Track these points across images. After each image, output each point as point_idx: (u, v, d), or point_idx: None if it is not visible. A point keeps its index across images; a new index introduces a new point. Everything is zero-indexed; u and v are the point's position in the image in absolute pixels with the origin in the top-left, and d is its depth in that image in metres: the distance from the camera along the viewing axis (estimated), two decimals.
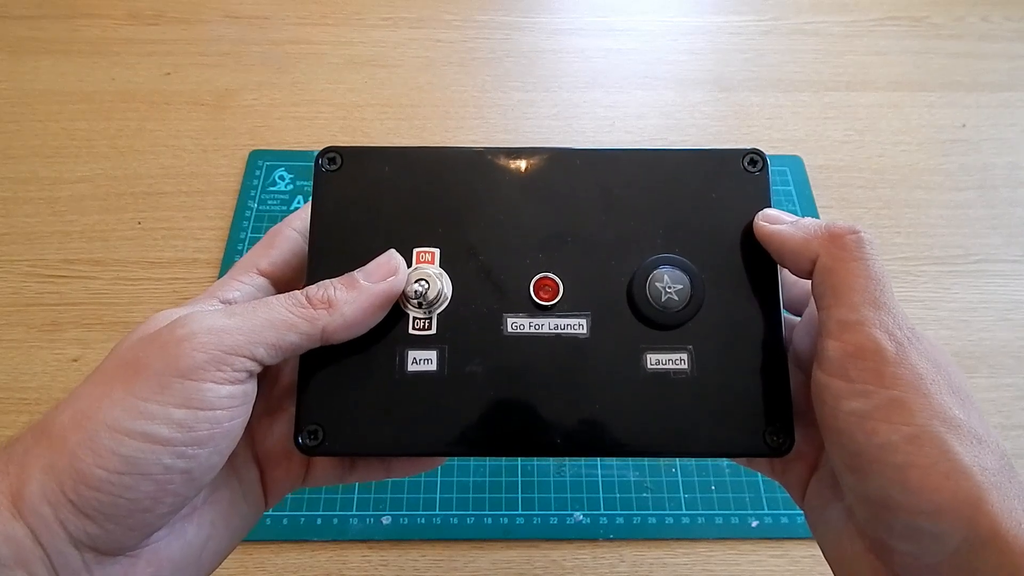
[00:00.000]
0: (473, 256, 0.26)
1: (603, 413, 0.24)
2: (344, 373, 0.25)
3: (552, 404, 0.24)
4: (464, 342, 0.25)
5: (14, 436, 0.22)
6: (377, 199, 0.26)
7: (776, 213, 0.25)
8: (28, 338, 0.51)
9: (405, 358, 0.25)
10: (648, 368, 0.25)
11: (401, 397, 0.24)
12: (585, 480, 0.46)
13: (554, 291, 0.25)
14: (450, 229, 0.26)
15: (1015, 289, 0.55)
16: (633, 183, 0.26)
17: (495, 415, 0.24)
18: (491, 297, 0.25)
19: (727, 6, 0.73)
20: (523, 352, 0.25)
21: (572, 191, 0.26)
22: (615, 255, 0.26)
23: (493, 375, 0.25)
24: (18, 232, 0.55)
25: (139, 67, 0.66)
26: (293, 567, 0.43)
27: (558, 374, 0.24)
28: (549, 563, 0.43)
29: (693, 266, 0.25)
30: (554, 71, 0.67)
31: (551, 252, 0.26)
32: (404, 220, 0.26)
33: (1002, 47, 0.70)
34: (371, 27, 0.70)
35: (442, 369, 0.25)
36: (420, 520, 0.44)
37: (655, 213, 0.26)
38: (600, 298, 0.25)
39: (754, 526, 0.44)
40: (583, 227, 0.26)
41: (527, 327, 0.25)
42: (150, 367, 0.22)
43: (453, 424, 0.24)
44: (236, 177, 0.59)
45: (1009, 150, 0.62)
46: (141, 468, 0.21)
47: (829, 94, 0.66)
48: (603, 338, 0.25)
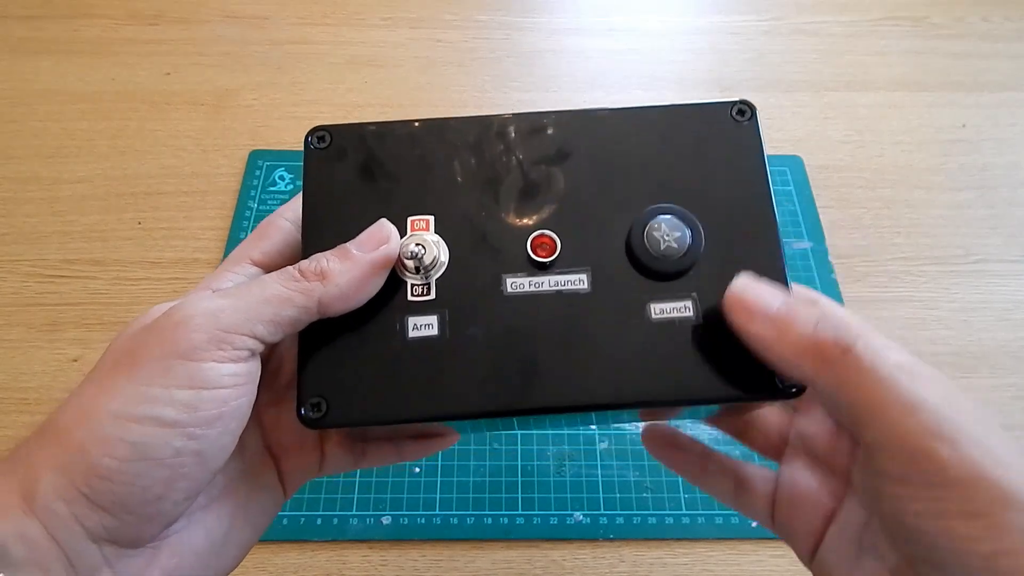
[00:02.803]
0: (467, 220, 0.26)
1: (611, 366, 0.24)
2: (345, 343, 0.24)
3: (558, 361, 0.24)
4: (464, 305, 0.25)
5: (17, 443, 0.22)
6: (367, 173, 0.26)
7: (752, 293, 0.22)
8: (28, 338, 0.51)
9: (405, 324, 0.25)
10: (653, 318, 0.24)
11: (403, 364, 0.24)
12: (585, 480, 0.46)
13: (551, 248, 0.25)
14: (442, 196, 0.26)
15: (1015, 289, 0.55)
16: (624, 140, 0.26)
17: (500, 375, 0.24)
18: (488, 259, 0.25)
19: (727, 6, 0.73)
20: (524, 311, 0.24)
21: (564, 150, 0.26)
22: (610, 210, 0.25)
23: (495, 336, 0.24)
24: (18, 232, 0.55)
25: (139, 67, 0.66)
26: (293, 567, 0.43)
27: (562, 331, 0.24)
28: (549, 563, 0.43)
29: (690, 214, 0.25)
30: (554, 71, 0.67)
31: (546, 211, 0.25)
32: (395, 191, 0.26)
33: (1002, 47, 0.70)
34: (371, 27, 0.70)
35: (443, 333, 0.24)
36: (420, 520, 0.44)
37: (648, 167, 0.26)
38: (599, 252, 0.25)
39: (754, 526, 0.44)
40: (576, 185, 0.26)
41: (527, 286, 0.25)
42: (150, 354, 0.22)
43: (458, 387, 0.24)
44: (236, 177, 0.59)
45: (1009, 150, 0.62)
46: (151, 453, 0.21)
47: (829, 94, 0.66)
48: (605, 292, 0.25)
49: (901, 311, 0.53)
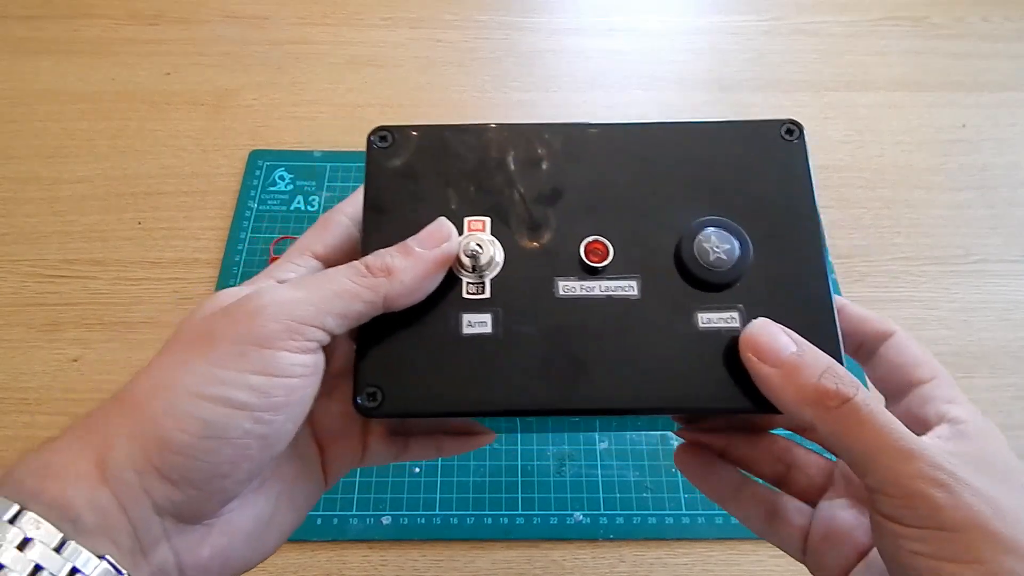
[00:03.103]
0: (522, 224, 0.26)
1: (659, 371, 0.24)
2: (401, 337, 0.25)
3: (607, 363, 0.24)
4: (517, 305, 0.25)
5: (90, 410, 0.23)
6: (427, 173, 0.27)
7: (765, 339, 0.23)
8: (28, 338, 0.51)
9: (460, 321, 0.25)
10: (700, 327, 0.25)
11: (457, 358, 0.25)
12: (585, 480, 0.46)
13: (603, 254, 0.26)
14: (499, 199, 0.27)
15: (1015, 289, 0.55)
16: (675, 153, 0.27)
17: (550, 375, 0.24)
18: (542, 262, 0.26)
19: (727, 6, 0.73)
20: (575, 313, 0.25)
21: (616, 162, 0.27)
22: (661, 220, 0.26)
23: (546, 336, 0.25)
24: (18, 232, 0.55)
25: (139, 67, 0.66)
26: (293, 567, 0.43)
27: (610, 334, 0.25)
28: (549, 563, 0.43)
29: (739, 227, 0.26)
30: (554, 71, 0.67)
31: (598, 219, 0.26)
32: (454, 192, 0.27)
33: (1002, 47, 0.70)
34: (371, 27, 0.70)
35: (496, 331, 0.25)
36: (420, 520, 0.44)
37: (698, 180, 0.27)
38: (648, 261, 0.26)
39: None
40: (628, 195, 0.27)
41: (578, 289, 0.25)
42: (226, 338, 0.22)
43: (508, 383, 0.24)
44: (236, 177, 0.59)
45: (1009, 150, 0.62)
46: (222, 432, 0.21)
47: (829, 94, 0.66)
48: (653, 299, 0.25)
49: (901, 311, 0.53)
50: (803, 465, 0.28)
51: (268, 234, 0.55)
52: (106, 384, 0.49)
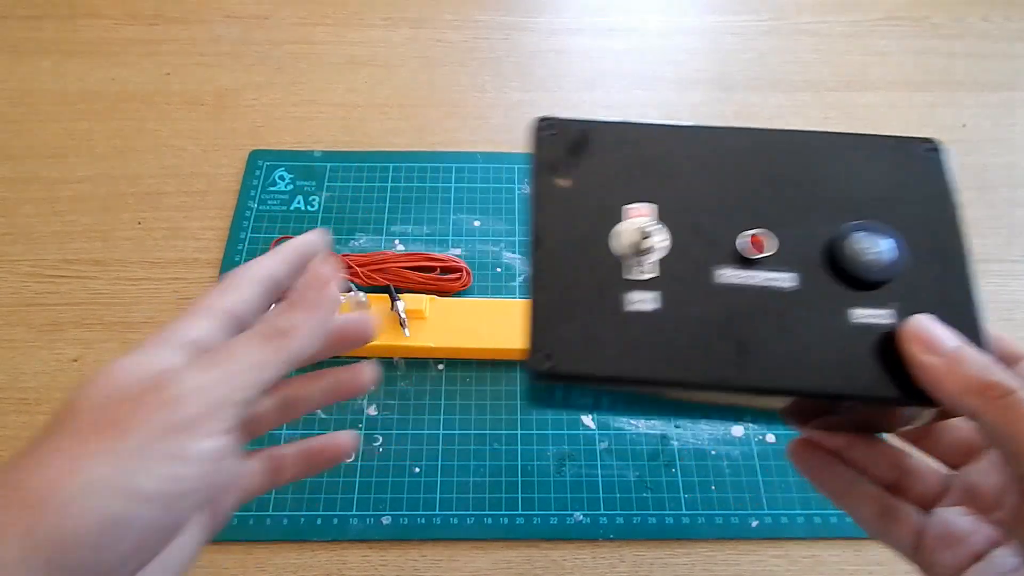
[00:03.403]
0: (686, 214, 0.28)
1: (813, 357, 0.26)
2: (571, 309, 0.27)
3: (765, 346, 0.26)
4: (679, 287, 0.27)
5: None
6: (596, 162, 0.29)
7: (929, 332, 0.25)
8: (28, 338, 0.51)
9: (626, 298, 0.27)
10: (852, 321, 0.26)
11: (621, 331, 0.26)
12: (585, 480, 0.46)
13: (761, 247, 0.27)
14: (664, 190, 0.28)
15: (1015, 289, 0.55)
16: (828, 160, 0.29)
17: (711, 353, 0.26)
18: (704, 250, 0.27)
19: (727, 6, 0.73)
20: (734, 299, 0.27)
21: (772, 164, 0.29)
22: (815, 220, 0.28)
23: (707, 317, 0.26)
24: (18, 232, 0.55)
25: (139, 67, 0.66)
26: (293, 567, 0.43)
27: (768, 320, 0.26)
28: (549, 563, 0.43)
29: (893, 231, 0.27)
30: (554, 71, 0.67)
31: (755, 215, 0.28)
32: (618, 180, 0.28)
33: (1002, 47, 0.70)
34: (371, 27, 0.70)
35: (659, 309, 0.26)
36: (420, 520, 0.44)
37: (849, 186, 0.28)
38: (803, 257, 0.27)
39: (754, 526, 0.44)
40: (784, 195, 0.28)
41: (736, 278, 0.27)
42: (139, 427, 0.21)
43: (673, 356, 0.26)
44: (236, 177, 0.59)
45: (1009, 150, 0.62)
46: (127, 524, 0.20)
47: (829, 94, 0.66)
48: (808, 292, 0.27)
49: None
50: (918, 473, 0.29)
51: (268, 234, 0.55)
52: None
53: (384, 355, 0.50)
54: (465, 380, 0.49)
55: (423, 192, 0.58)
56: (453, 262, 0.53)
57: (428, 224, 0.56)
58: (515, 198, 0.58)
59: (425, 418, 0.48)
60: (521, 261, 0.55)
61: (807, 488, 0.45)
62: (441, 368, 0.50)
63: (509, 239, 0.55)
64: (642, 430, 0.48)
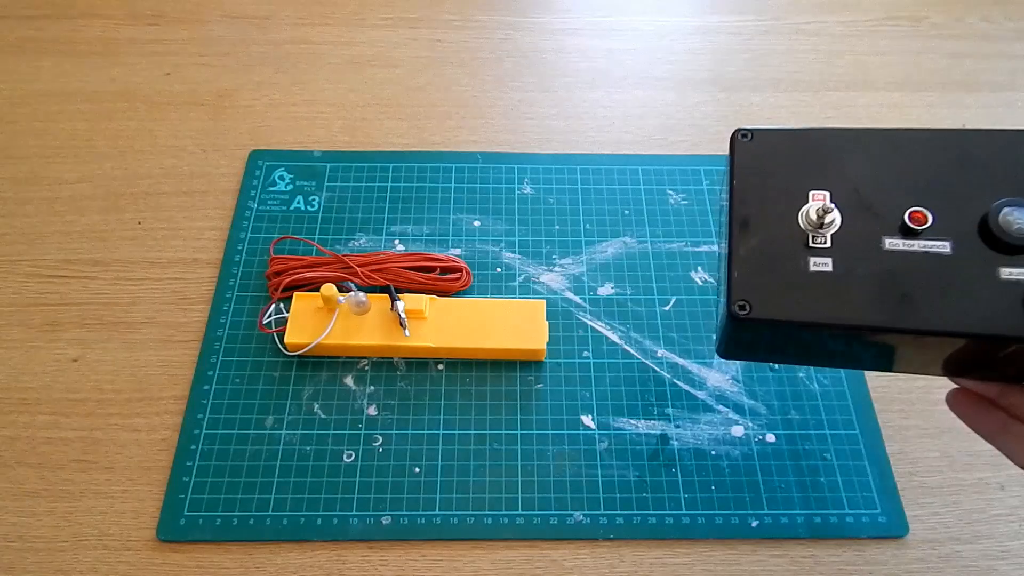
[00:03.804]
0: (856, 195, 0.34)
1: (970, 305, 0.31)
2: (764, 268, 0.33)
3: (927, 297, 0.31)
4: (852, 253, 0.32)
5: None
6: (781, 160, 0.35)
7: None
8: (28, 338, 0.51)
9: (808, 262, 0.33)
10: (1002, 277, 0.31)
11: (806, 286, 0.32)
12: (585, 480, 0.46)
13: (922, 220, 0.32)
14: (837, 178, 0.34)
15: None
16: (979, 153, 0.34)
17: (881, 302, 0.31)
18: (872, 223, 0.33)
19: (727, 6, 0.73)
20: (899, 262, 0.32)
21: (927, 159, 0.34)
22: (969, 201, 0.33)
23: (877, 276, 0.32)
24: (18, 232, 0.56)
25: (139, 67, 0.66)
26: (293, 567, 0.43)
27: (927, 279, 0.31)
28: (549, 563, 0.43)
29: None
30: (554, 71, 0.67)
31: (918, 195, 0.33)
32: (802, 172, 0.35)
33: (1002, 47, 0.70)
34: (371, 27, 0.70)
35: (836, 270, 0.32)
36: (420, 520, 0.44)
37: (1000, 175, 0.33)
38: (958, 228, 0.32)
39: (754, 526, 0.44)
40: (940, 181, 0.33)
41: (901, 246, 0.32)
42: None
43: (850, 305, 0.32)
44: (236, 177, 0.59)
45: None
46: None
47: (829, 94, 0.66)
48: (962, 255, 0.32)
49: None
50: None
51: (268, 234, 0.55)
52: (106, 384, 0.49)
53: (384, 355, 0.50)
54: (465, 380, 0.49)
55: (423, 192, 0.58)
56: (453, 262, 0.53)
57: (428, 224, 0.56)
58: (515, 198, 0.58)
59: (425, 418, 0.48)
60: (519, 260, 0.55)
61: (807, 488, 0.46)
62: (441, 368, 0.50)
63: (509, 239, 0.55)
64: (642, 430, 0.48)
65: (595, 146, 0.62)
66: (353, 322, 0.49)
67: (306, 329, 0.49)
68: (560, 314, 0.52)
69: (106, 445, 0.47)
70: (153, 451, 0.46)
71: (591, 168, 0.60)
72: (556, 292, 0.53)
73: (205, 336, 0.50)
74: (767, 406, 0.49)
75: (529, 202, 0.58)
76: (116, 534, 0.44)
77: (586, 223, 0.56)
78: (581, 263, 0.55)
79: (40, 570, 0.42)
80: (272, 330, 0.50)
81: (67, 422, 0.47)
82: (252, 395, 0.48)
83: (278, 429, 0.47)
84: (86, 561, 0.43)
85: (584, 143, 0.62)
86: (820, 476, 0.46)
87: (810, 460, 0.47)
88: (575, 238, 0.56)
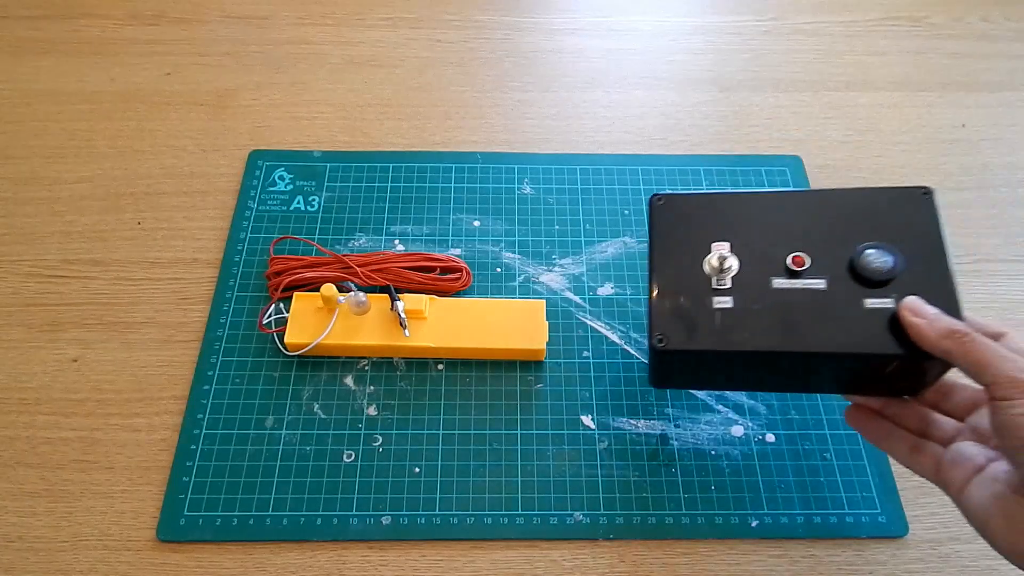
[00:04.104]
0: (749, 245, 0.40)
1: (842, 330, 0.37)
2: (678, 307, 0.39)
3: (809, 325, 0.38)
4: (747, 292, 0.39)
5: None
6: (689, 219, 0.42)
7: (918, 304, 0.36)
8: (28, 338, 0.51)
9: (713, 300, 0.39)
10: (867, 307, 0.37)
11: (710, 320, 0.39)
12: (585, 480, 0.46)
13: (802, 263, 0.39)
14: (734, 232, 0.41)
15: (1015, 289, 0.55)
16: (845, 207, 0.41)
17: (772, 329, 0.38)
18: (763, 267, 0.40)
19: (727, 6, 0.73)
20: (785, 298, 0.39)
21: (805, 213, 0.41)
22: (838, 246, 0.39)
23: (768, 310, 0.38)
24: (18, 232, 0.56)
25: (139, 67, 0.66)
26: (293, 567, 0.43)
27: (808, 310, 0.38)
28: (549, 563, 0.43)
29: (893, 248, 0.38)
30: (554, 71, 0.67)
31: (797, 244, 0.40)
32: (706, 230, 0.41)
33: (1002, 47, 0.70)
34: (371, 27, 0.70)
35: (736, 306, 0.39)
36: (420, 520, 0.44)
37: (862, 224, 0.40)
38: (831, 269, 0.39)
39: (754, 526, 0.44)
40: (816, 231, 0.40)
41: (786, 284, 0.39)
42: None
43: (747, 333, 0.38)
44: (236, 177, 0.59)
45: (1009, 150, 0.63)
46: None
47: (829, 94, 0.66)
48: (835, 290, 0.38)
49: None
50: (937, 423, 0.38)
51: (268, 234, 0.55)
52: (106, 384, 0.49)
53: (384, 355, 0.50)
54: (465, 380, 0.49)
55: (423, 192, 0.58)
56: (453, 262, 0.53)
57: (428, 224, 0.56)
58: (515, 198, 0.58)
59: (425, 418, 0.48)
60: (519, 260, 0.55)
61: (807, 488, 0.46)
62: (441, 368, 0.50)
63: (509, 239, 0.55)
64: (642, 430, 0.48)
65: (595, 146, 0.62)
66: (353, 322, 0.49)
67: (306, 329, 0.49)
68: (560, 314, 0.52)
69: (106, 445, 0.47)
70: (153, 451, 0.46)
71: (591, 168, 0.60)
72: (556, 292, 0.53)
73: (205, 336, 0.50)
74: (767, 406, 0.49)
75: (529, 202, 0.58)
76: (116, 534, 0.44)
77: (586, 223, 0.56)
78: (581, 263, 0.55)
79: (40, 570, 0.42)
80: (272, 330, 0.50)
81: (67, 422, 0.47)
82: (252, 395, 0.48)
83: (278, 429, 0.47)
84: (86, 561, 0.43)
85: (584, 143, 0.62)
86: (820, 476, 0.46)
87: (810, 460, 0.47)
88: (575, 238, 0.56)
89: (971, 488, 0.34)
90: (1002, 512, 0.32)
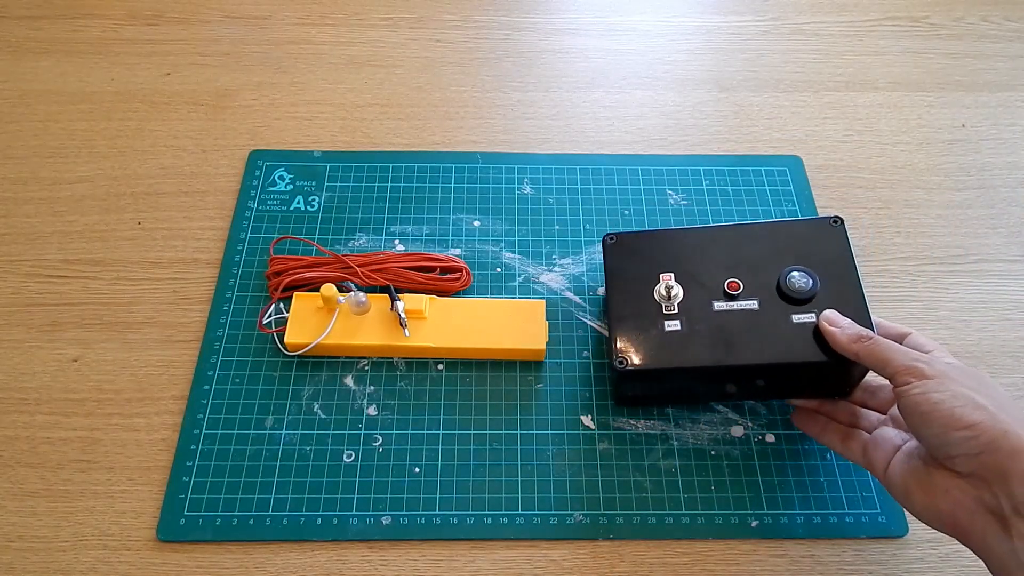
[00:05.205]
0: (691, 276, 0.46)
1: (773, 343, 0.43)
2: (634, 332, 0.45)
3: (745, 341, 0.43)
4: (692, 315, 0.45)
5: None
6: (639, 254, 0.48)
7: (834, 316, 0.42)
8: (28, 338, 0.51)
9: (664, 324, 0.45)
10: (794, 321, 0.44)
11: (664, 342, 0.44)
12: (585, 480, 0.46)
13: (736, 287, 0.45)
14: (678, 263, 0.47)
15: (1015, 289, 0.55)
16: (770, 237, 0.47)
17: (714, 348, 0.43)
18: (704, 293, 0.46)
19: (727, 6, 0.73)
20: (724, 318, 0.44)
21: (737, 244, 0.47)
22: (766, 271, 0.46)
23: (710, 330, 0.44)
24: (18, 232, 0.56)
25: (139, 67, 0.66)
26: (293, 567, 0.43)
27: (745, 328, 0.44)
28: (549, 563, 0.43)
29: (812, 272, 0.45)
30: (554, 71, 0.67)
31: (732, 272, 0.46)
32: (653, 263, 0.47)
33: (1002, 47, 0.70)
34: (371, 27, 0.70)
35: (683, 328, 0.44)
36: (420, 520, 0.44)
37: (785, 251, 0.46)
38: (762, 291, 0.45)
39: (754, 526, 0.44)
40: (747, 259, 0.46)
41: (724, 306, 0.45)
42: None
43: (694, 351, 0.44)
44: (236, 177, 0.59)
45: (1009, 150, 0.63)
46: None
47: (829, 94, 0.66)
48: (766, 309, 0.44)
49: (901, 311, 0.53)
50: (865, 416, 0.43)
51: (268, 234, 0.55)
52: (106, 384, 0.49)
53: (384, 355, 0.50)
54: (465, 380, 0.49)
55: (423, 192, 0.58)
56: (453, 262, 0.53)
57: (428, 224, 0.56)
58: (515, 198, 0.58)
59: (425, 418, 0.48)
60: (519, 260, 0.55)
61: (806, 488, 0.46)
62: (441, 368, 0.50)
63: (509, 239, 0.55)
64: (642, 430, 0.48)
65: (595, 146, 0.62)
66: (353, 322, 0.49)
67: (306, 329, 0.49)
68: (560, 314, 0.52)
69: (106, 445, 0.47)
70: (153, 451, 0.46)
71: (591, 168, 0.60)
72: (556, 292, 0.53)
73: (205, 336, 0.50)
74: (767, 406, 0.49)
75: (529, 202, 0.58)
76: (116, 534, 0.44)
77: (586, 223, 0.56)
78: (581, 263, 0.55)
79: (40, 570, 0.43)
80: (272, 330, 0.50)
81: (67, 422, 0.47)
82: (252, 395, 0.48)
83: (278, 429, 0.47)
84: (86, 561, 0.43)
85: (584, 143, 0.62)
86: (820, 476, 0.46)
87: (810, 460, 0.47)
88: (575, 238, 0.56)
89: (892, 466, 0.38)
90: (916, 480, 0.36)
